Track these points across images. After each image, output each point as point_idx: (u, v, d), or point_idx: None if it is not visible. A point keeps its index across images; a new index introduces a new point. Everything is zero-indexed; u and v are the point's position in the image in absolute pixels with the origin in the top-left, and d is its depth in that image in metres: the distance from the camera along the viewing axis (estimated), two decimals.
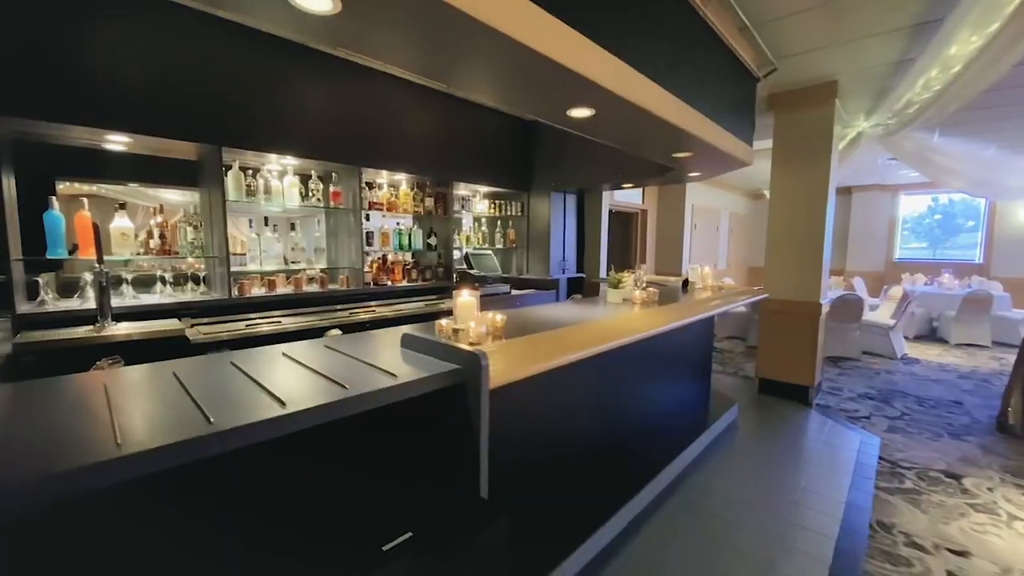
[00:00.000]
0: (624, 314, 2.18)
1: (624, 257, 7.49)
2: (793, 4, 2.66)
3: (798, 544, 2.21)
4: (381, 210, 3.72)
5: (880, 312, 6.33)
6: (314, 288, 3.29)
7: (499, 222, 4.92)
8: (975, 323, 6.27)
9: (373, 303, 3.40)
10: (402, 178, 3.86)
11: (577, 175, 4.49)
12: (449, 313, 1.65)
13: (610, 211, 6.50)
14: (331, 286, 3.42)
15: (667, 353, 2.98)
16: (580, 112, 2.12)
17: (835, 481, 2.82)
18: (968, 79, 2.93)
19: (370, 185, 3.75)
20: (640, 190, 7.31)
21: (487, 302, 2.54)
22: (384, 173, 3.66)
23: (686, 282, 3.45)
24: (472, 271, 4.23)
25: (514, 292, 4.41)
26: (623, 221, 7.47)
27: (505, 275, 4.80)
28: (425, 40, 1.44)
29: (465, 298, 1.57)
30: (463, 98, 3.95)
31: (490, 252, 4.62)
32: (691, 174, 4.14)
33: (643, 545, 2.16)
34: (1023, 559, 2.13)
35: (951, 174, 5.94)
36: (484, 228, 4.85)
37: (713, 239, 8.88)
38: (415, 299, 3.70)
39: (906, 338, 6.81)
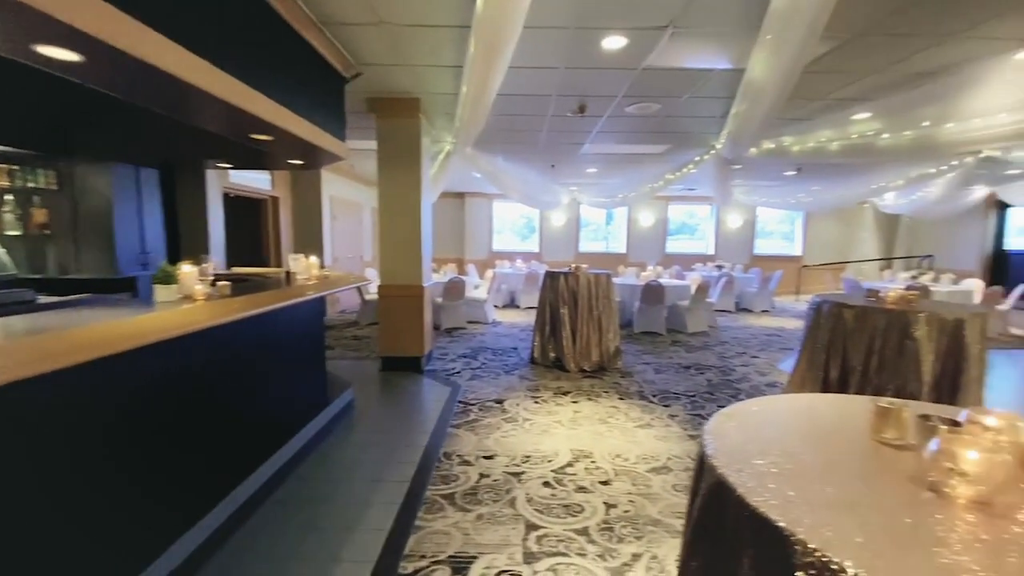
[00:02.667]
0: (163, 313, 1.86)
1: (254, 248, 6.73)
2: (356, 13, 2.93)
3: (377, 498, 2.52)
4: None
5: (480, 290, 8.22)
6: None
7: (14, 197, 3.39)
8: (533, 291, 9.14)
9: None
10: None
11: (148, 145, 3.61)
12: None
13: (227, 195, 5.65)
14: None
15: (260, 348, 2.81)
16: (58, 53, 1.62)
17: (421, 428, 3.43)
18: (470, 112, 4.03)
19: None
20: (268, 174, 6.70)
21: None
22: None
23: (288, 274, 3.36)
24: None
25: (47, 299, 3.14)
26: (249, 208, 6.67)
27: (32, 275, 3.37)
28: None
29: None
30: None
31: None
32: (294, 161, 4.05)
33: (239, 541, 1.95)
34: (527, 447, 3.18)
35: (512, 189, 8.29)
36: None
37: (357, 232, 9.22)
38: None
39: (496, 307, 9.16)
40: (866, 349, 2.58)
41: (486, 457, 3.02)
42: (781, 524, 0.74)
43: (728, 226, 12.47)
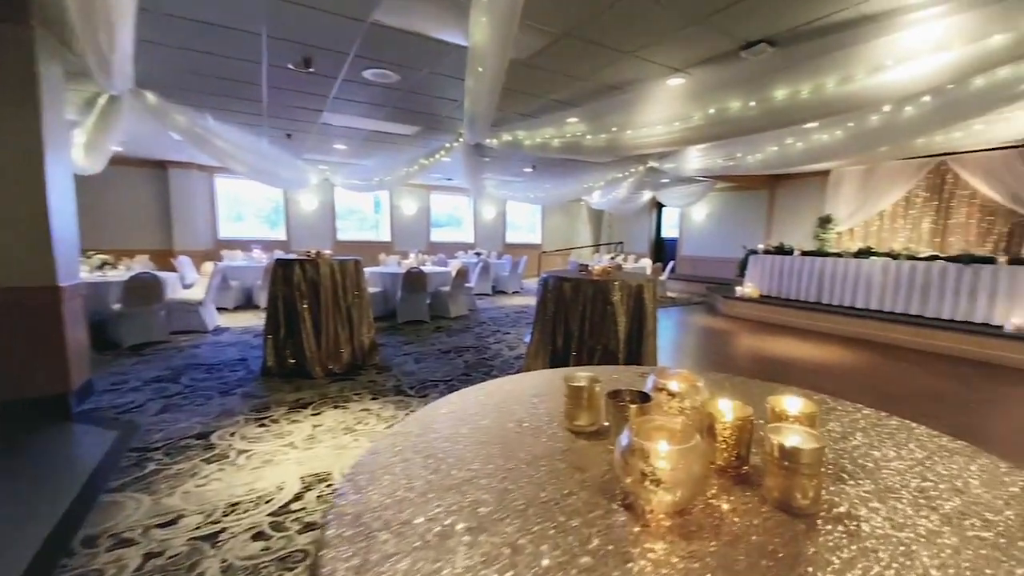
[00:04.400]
0: None
1: None
2: None
3: None
4: None
5: (195, 290, 6.35)
6: None
7: None
8: None
9: None
10: None
11: None
12: None
13: None
14: None
15: None
16: None
17: (49, 506, 2.18)
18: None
19: None
20: None
21: None
22: None
23: None
24: None
25: None
26: None
27: None
28: None
29: None
30: None
31: None
32: None
33: None
34: (236, 490, 2.36)
35: (233, 159, 6.64)
36: None
37: None
38: None
39: (226, 309, 7.34)
40: (580, 316, 2.85)
41: (163, 524, 2.09)
42: None
43: (485, 217, 13.44)
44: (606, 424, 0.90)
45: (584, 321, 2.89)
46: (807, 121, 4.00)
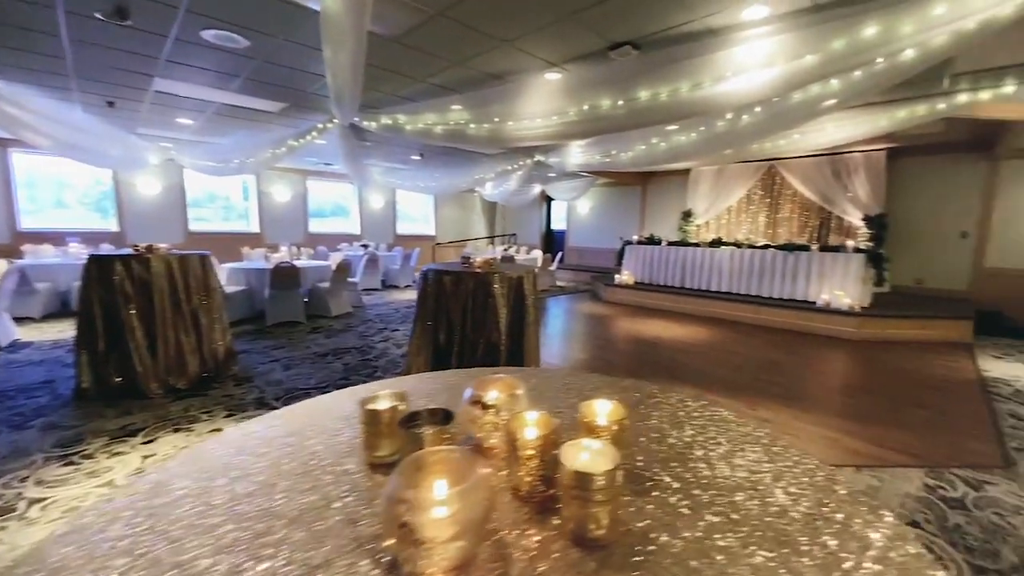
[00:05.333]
0: None
1: None
2: None
3: None
4: None
5: None
6: None
7: None
8: None
9: None
10: None
11: None
12: None
13: None
14: None
15: None
16: None
17: None
18: None
19: None
20: None
21: None
22: None
23: None
24: None
25: None
26: None
27: None
28: None
29: None
30: None
31: None
32: None
33: None
34: (21, 554, 1.82)
35: (31, 131, 5.28)
36: None
37: None
38: None
39: (30, 319, 5.88)
40: (462, 309, 2.75)
41: None
42: None
43: (372, 206, 12.66)
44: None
45: (466, 315, 2.80)
46: (666, 122, 4.38)
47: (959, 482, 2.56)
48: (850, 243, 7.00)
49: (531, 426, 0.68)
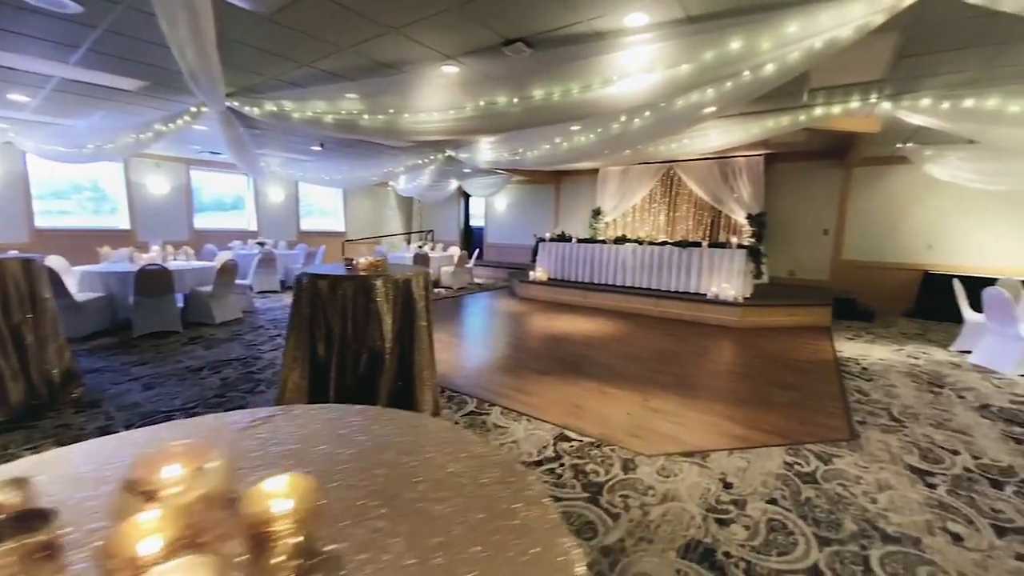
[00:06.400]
0: None
1: None
2: None
3: None
4: None
5: None
6: None
7: None
8: None
9: None
10: None
11: None
12: None
13: None
14: None
15: None
16: None
17: None
18: None
19: None
20: None
21: None
22: None
23: None
24: None
25: None
26: None
27: None
28: None
29: None
30: None
31: None
32: None
33: None
34: None
35: None
36: None
37: None
38: None
39: None
40: (341, 317, 2.53)
41: None
42: None
43: (271, 200, 11.60)
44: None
45: (347, 323, 2.57)
46: (560, 121, 4.44)
47: (813, 457, 2.85)
48: (734, 240, 7.70)
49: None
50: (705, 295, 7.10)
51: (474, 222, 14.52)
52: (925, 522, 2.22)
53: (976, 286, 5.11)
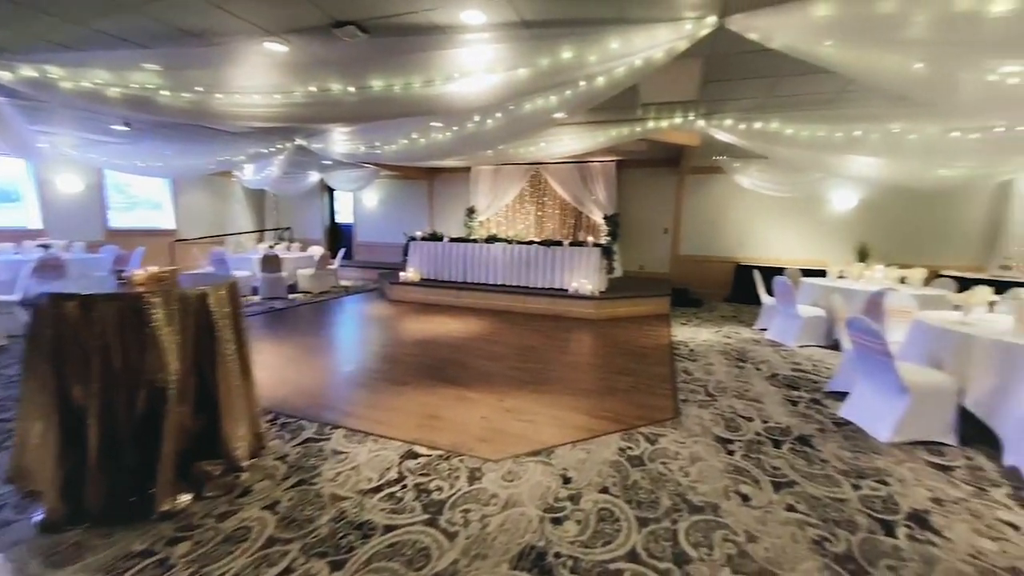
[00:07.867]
0: None
1: None
2: None
3: None
4: None
5: None
6: None
7: None
8: None
9: None
10: None
11: None
12: None
13: None
14: None
15: None
16: None
17: None
18: None
19: None
20: None
21: None
22: None
23: None
24: None
25: None
26: None
27: None
28: None
29: None
30: None
31: None
32: None
33: None
34: None
35: None
36: None
37: None
38: None
39: None
40: (102, 348, 1.98)
41: None
42: None
43: (62, 190, 9.22)
44: None
45: (111, 354, 2.03)
46: (404, 115, 4.24)
47: (643, 439, 3.10)
48: (591, 239, 8.29)
49: None
50: (567, 291, 7.52)
51: (342, 219, 13.46)
52: (723, 488, 2.54)
53: (771, 275, 6.21)
